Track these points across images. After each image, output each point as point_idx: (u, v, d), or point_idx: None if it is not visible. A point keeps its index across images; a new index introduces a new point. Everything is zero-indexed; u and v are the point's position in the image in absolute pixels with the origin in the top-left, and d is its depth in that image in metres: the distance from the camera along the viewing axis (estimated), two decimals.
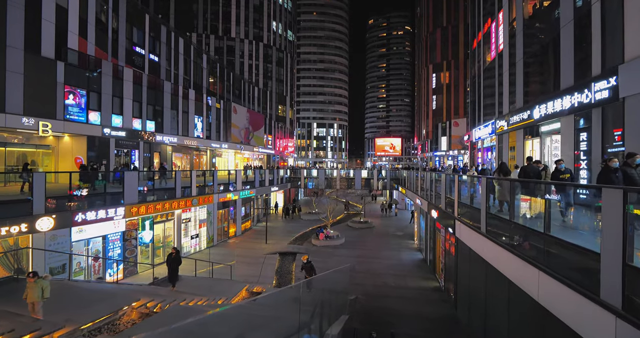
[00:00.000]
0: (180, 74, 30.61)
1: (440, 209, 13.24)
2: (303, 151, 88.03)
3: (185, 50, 31.44)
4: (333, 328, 5.80)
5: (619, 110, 8.48)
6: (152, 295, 7.02)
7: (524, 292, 5.94)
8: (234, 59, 50.61)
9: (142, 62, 25.73)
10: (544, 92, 12.43)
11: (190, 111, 28.66)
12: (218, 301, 8.29)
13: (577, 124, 10.31)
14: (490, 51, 19.01)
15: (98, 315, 5.12)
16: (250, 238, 23.41)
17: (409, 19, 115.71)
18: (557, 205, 5.89)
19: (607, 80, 8.67)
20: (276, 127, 51.08)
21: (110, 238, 13.39)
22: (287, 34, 58.91)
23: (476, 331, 9.03)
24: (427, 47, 61.17)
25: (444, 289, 13.33)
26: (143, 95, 23.43)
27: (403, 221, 30.75)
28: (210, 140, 31.23)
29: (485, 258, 7.95)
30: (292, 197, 45.20)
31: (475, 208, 9.45)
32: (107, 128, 20.06)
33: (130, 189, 13.91)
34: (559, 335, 5.13)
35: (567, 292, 4.67)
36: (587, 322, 4.28)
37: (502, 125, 16.24)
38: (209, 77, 36.00)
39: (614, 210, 3.89)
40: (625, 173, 5.29)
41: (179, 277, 10.64)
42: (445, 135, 48.55)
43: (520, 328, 6.48)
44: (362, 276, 15.21)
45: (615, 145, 8.96)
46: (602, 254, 4.10)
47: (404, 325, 10.30)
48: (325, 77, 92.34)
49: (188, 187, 18.19)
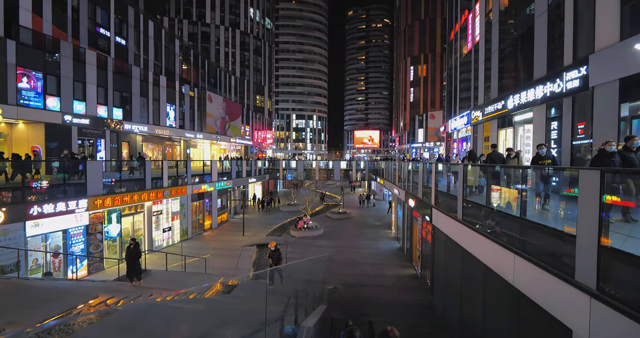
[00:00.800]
0: (150, 59, 28.84)
1: (417, 198, 13.35)
2: (282, 143, 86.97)
3: (155, 34, 29.60)
4: (309, 319, 5.61)
5: (588, 100, 8.72)
6: (115, 291, 6.49)
7: (499, 277, 5.99)
8: (209, 46, 48.51)
9: (107, 45, 23.92)
10: (518, 83, 12.68)
11: (162, 99, 27.21)
12: (190, 295, 7.87)
13: (548, 114, 10.58)
14: (466, 43, 19.22)
15: (48, 316, 4.61)
16: (226, 231, 22.81)
17: (388, 12, 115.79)
18: (531, 189, 5.92)
19: (578, 69, 8.87)
20: (254, 117, 49.87)
21: (72, 232, 12.46)
22: (264, 22, 57.16)
23: (452, 317, 9.19)
24: (405, 40, 61.54)
25: (420, 276, 13.55)
26: (109, 80, 21.89)
27: (381, 211, 31.13)
28: (184, 130, 29.92)
29: (462, 245, 8.03)
30: (270, 189, 44.60)
31: (452, 195, 9.52)
32: (68, 115, 18.58)
33: (93, 180, 12.96)
34: (534, 317, 5.20)
35: (542, 275, 4.69)
36: (562, 303, 4.31)
37: (477, 116, 16.54)
38: (182, 63, 34.25)
39: (590, 192, 3.87)
40: (625, 157, 5.01)
41: (148, 272, 10.06)
42: (422, 127, 49.42)
43: (496, 312, 6.58)
44: (341, 266, 15.18)
45: (578, 138, 9.26)
46: (578, 236, 4.11)
47: (382, 313, 10.34)
48: (305, 68, 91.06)
49: (159, 178, 17.31)
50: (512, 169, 6.75)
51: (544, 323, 4.91)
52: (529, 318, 5.39)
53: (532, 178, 5.93)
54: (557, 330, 4.54)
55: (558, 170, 5.86)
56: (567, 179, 5.13)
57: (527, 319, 5.43)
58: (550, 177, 5.71)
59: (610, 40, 7.97)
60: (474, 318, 7.56)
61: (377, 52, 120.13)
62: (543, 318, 4.78)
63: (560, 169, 6.22)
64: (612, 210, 3.91)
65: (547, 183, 5.56)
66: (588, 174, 4.02)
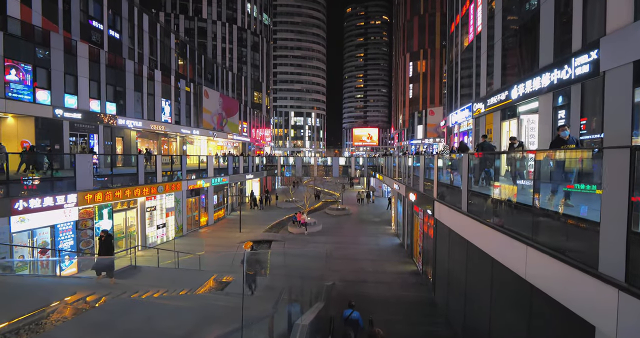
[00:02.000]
0: (145, 53, 28.24)
1: (418, 192, 12.95)
2: (280, 140, 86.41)
3: (150, 28, 28.99)
4: (304, 317, 5.21)
5: (598, 86, 8.31)
6: (98, 288, 6.07)
7: (509, 271, 5.58)
8: (206, 42, 47.84)
9: (100, 38, 23.33)
10: (523, 72, 12.25)
11: (157, 94, 26.69)
12: (180, 292, 7.46)
13: (555, 102, 10.16)
14: (468, 34, 18.77)
15: (18, 314, 4.19)
16: (223, 228, 22.38)
17: (386, 9, 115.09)
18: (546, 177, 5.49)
19: (588, 54, 8.44)
20: (252, 114, 49.34)
21: (61, 228, 12.00)
22: (262, 18, 56.49)
23: (455, 313, 8.80)
24: (404, 36, 61.01)
25: (421, 273, 13.17)
26: (102, 73, 21.37)
27: (380, 208, 30.76)
28: (180, 126, 29.40)
29: (467, 238, 7.62)
30: (268, 187, 44.18)
31: (455, 187, 9.12)
32: (59, 109, 18.07)
33: (83, 174, 12.49)
34: (549, 313, 4.80)
35: (559, 267, 4.29)
36: (583, 298, 3.91)
37: (479, 108, 16.13)
38: (178, 59, 33.64)
39: (619, 171, 3.46)
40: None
41: (138, 268, 9.63)
42: (421, 123, 49.00)
43: (504, 308, 6.17)
44: (340, 262, 14.79)
45: (581, 134, 8.85)
46: (602, 222, 3.69)
47: (383, 310, 9.95)
48: (303, 65, 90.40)
49: (153, 174, 16.85)
50: (524, 156, 6.31)
51: (561, 319, 4.51)
52: (544, 314, 4.99)
53: (550, 165, 5.47)
54: (577, 326, 4.14)
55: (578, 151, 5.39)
56: (589, 164, 4.68)
57: (541, 315, 5.03)
58: (571, 162, 5.24)
59: (623, 21, 7.54)
60: (480, 314, 7.17)
61: (375, 49, 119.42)
62: (560, 314, 4.38)
63: (584, 149, 5.63)
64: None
65: (565, 171, 5.11)
66: (615, 153, 3.60)
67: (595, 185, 4.25)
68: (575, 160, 4.89)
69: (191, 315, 4.58)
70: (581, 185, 4.62)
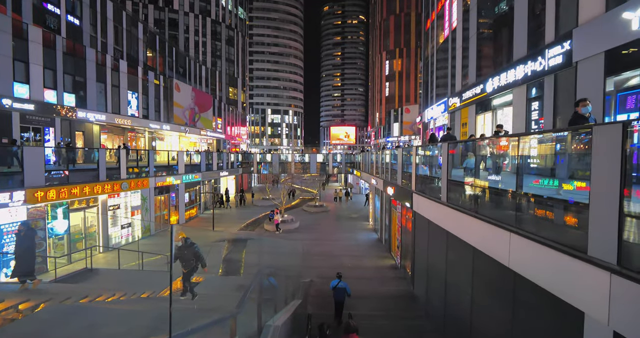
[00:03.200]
0: (109, 43, 26.34)
1: (396, 186, 12.79)
2: (257, 138, 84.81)
3: (115, 16, 27.08)
4: (277, 317, 4.75)
5: (571, 76, 8.42)
6: (36, 294, 5.23)
7: (491, 260, 5.39)
8: (177, 34, 45.69)
9: (57, 24, 21.41)
10: (498, 65, 12.40)
11: (122, 85, 25.00)
12: (141, 295, 6.73)
13: (529, 94, 10.30)
14: (443, 30, 18.95)
15: None
16: (195, 227, 21.32)
17: (363, 9, 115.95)
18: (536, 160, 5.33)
19: (561, 45, 8.55)
20: (227, 110, 47.83)
21: (5, 229, 10.71)
22: (237, 11, 54.89)
23: (435, 306, 8.65)
24: (381, 34, 61.58)
25: (400, 267, 13.04)
26: (58, 61, 19.61)
27: (358, 204, 30.74)
28: (149, 120, 27.77)
29: (447, 229, 7.45)
30: (245, 185, 43.04)
31: (434, 178, 8.97)
32: (7, 98, 16.34)
33: (33, 169, 11.23)
34: (534, 301, 4.62)
35: (545, 253, 4.09)
36: (572, 283, 3.71)
37: (454, 103, 16.28)
38: (146, 50, 31.77)
39: (610, 147, 3.26)
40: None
41: (95, 271, 8.72)
42: (397, 121, 49.64)
43: (487, 298, 6.00)
44: (318, 258, 14.41)
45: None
46: (592, 202, 3.50)
47: (363, 305, 9.66)
48: (280, 62, 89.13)
49: (116, 169, 15.61)
50: (515, 140, 6.05)
51: (547, 307, 4.33)
52: (528, 302, 4.82)
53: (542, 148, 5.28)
54: (564, 313, 3.96)
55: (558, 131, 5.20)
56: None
57: (526, 304, 4.86)
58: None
59: (595, 11, 7.65)
60: (461, 306, 7.01)
61: (352, 49, 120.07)
62: (546, 301, 4.20)
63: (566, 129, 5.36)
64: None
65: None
66: (607, 128, 3.41)
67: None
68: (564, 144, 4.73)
69: (146, 320, 3.98)
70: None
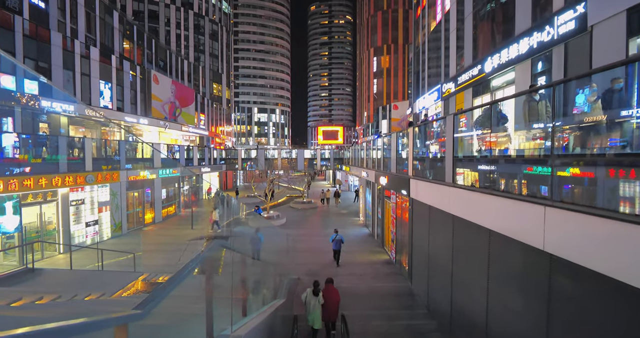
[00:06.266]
0: (80, 30, 24.41)
1: (390, 174, 11.80)
2: (243, 138, 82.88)
3: (87, 2, 25.22)
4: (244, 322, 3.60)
5: (585, 44, 7.58)
6: None
7: (516, 243, 4.38)
8: (157, 27, 43.67)
9: (18, 5, 19.53)
10: (497, 43, 11.57)
11: (94, 74, 23.17)
12: (85, 298, 5.42)
13: (534, 69, 9.47)
14: (435, 15, 18.18)
15: None
16: (173, 225, 19.78)
17: (350, 9, 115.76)
18: None
19: (573, 8, 7.71)
20: (210, 106, 46.11)
21: None
22: (222, 5, 53.21)
23: (439, 304, 7.60)
24: (368, 31, 61.07)
25: (395, 261, 12.02)
26: (17, 44, 17.79)
27: (347, 201, 29.77)
28: (124, 113, 25.91)
29: (454, 213, 6.43)
30: (229, 183, 41.42)
31: (435, 158, 7.98)
32: None
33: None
34: (580, 290, 3.58)
35: (598, 226, 3.08)
36: None
37: (449, 88, 15.46)
38: (122, 40, 29.89)
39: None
40: None
41: (38, 272, 7.29)
42: (385, 118, 49.02)
43: (508, 292, 4.95)
44: (306, 255, 13.26)
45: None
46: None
47: (357, 303, 8.56)
48: (267, 60, 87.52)
49: (80, 160, 14.03)
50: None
51: (606, 296, 3.31)
52: (569, 293, 3.80)
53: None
54: (631, 303, 2.94)
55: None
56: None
57: (566, 295, 3.83)
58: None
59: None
60: (473, 302, 5.97)
61: (340, 49, 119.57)
62: (602, 289, 3.19)
63: None
64: None
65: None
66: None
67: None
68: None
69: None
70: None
